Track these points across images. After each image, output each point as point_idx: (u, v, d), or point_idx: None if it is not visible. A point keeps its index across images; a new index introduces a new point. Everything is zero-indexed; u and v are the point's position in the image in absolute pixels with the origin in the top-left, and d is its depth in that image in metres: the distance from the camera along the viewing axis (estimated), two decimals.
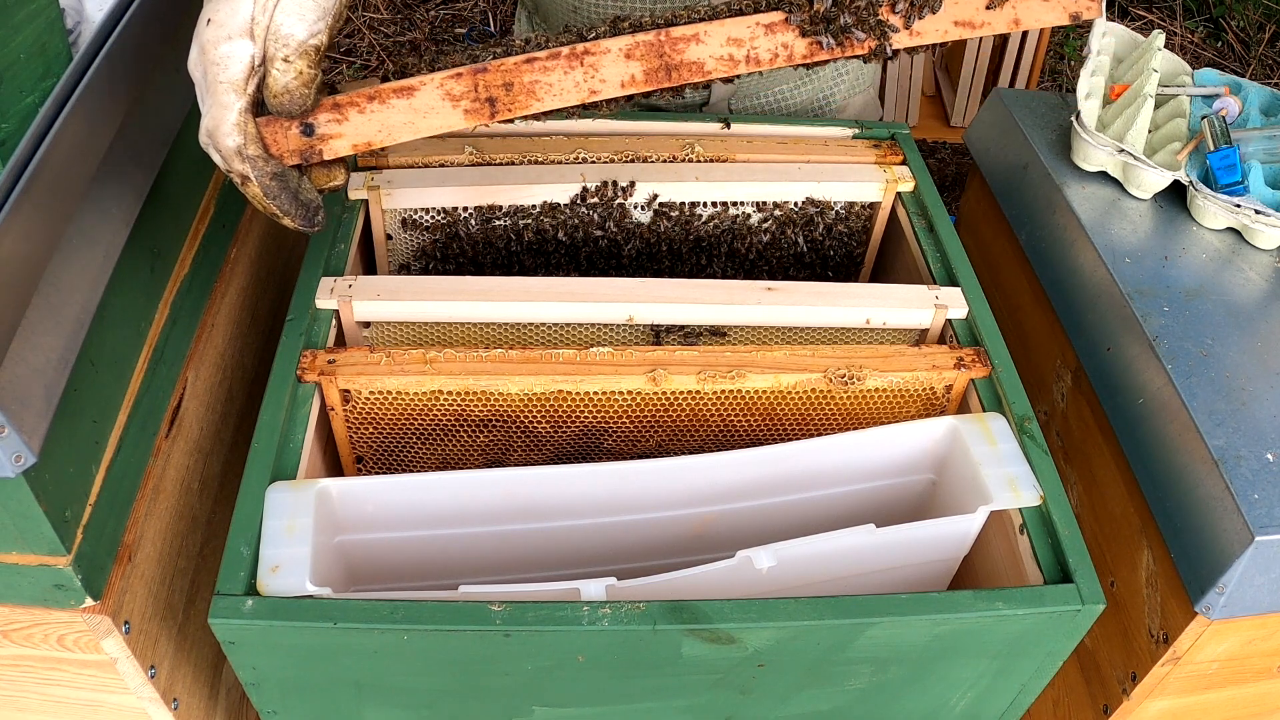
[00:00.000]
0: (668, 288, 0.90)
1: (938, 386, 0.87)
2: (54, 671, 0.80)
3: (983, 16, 0.81)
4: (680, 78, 0.78)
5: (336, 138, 0.76)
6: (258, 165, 0.74)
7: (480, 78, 0.76)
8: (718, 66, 0.78)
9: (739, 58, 0.78)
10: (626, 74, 0.77)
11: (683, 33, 0.77)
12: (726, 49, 0.78)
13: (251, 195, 0.76)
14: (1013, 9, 0.81)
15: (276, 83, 0.71)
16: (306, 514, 0.73)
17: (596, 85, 0.77)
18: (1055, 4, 0.82)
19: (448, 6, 3.05)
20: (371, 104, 0.75)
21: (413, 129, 0.77)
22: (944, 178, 2.45)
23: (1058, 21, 0.82)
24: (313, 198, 0.80)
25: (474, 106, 0.76)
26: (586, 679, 0.74)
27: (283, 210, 0.77)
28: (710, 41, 0.78)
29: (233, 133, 0.72)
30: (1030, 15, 0.81)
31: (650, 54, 0.77)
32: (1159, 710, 0.94)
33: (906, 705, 0.82)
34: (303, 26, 0.70)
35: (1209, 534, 0.81)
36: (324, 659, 0.71)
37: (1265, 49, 2.98)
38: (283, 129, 0.74)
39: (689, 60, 0.78)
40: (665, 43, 0.77)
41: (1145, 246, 1.02)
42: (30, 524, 0.67)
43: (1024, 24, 0.82)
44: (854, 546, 0.78)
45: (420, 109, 0.76)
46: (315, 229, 0.81)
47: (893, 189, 1.05)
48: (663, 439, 0.89)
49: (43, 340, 0.67)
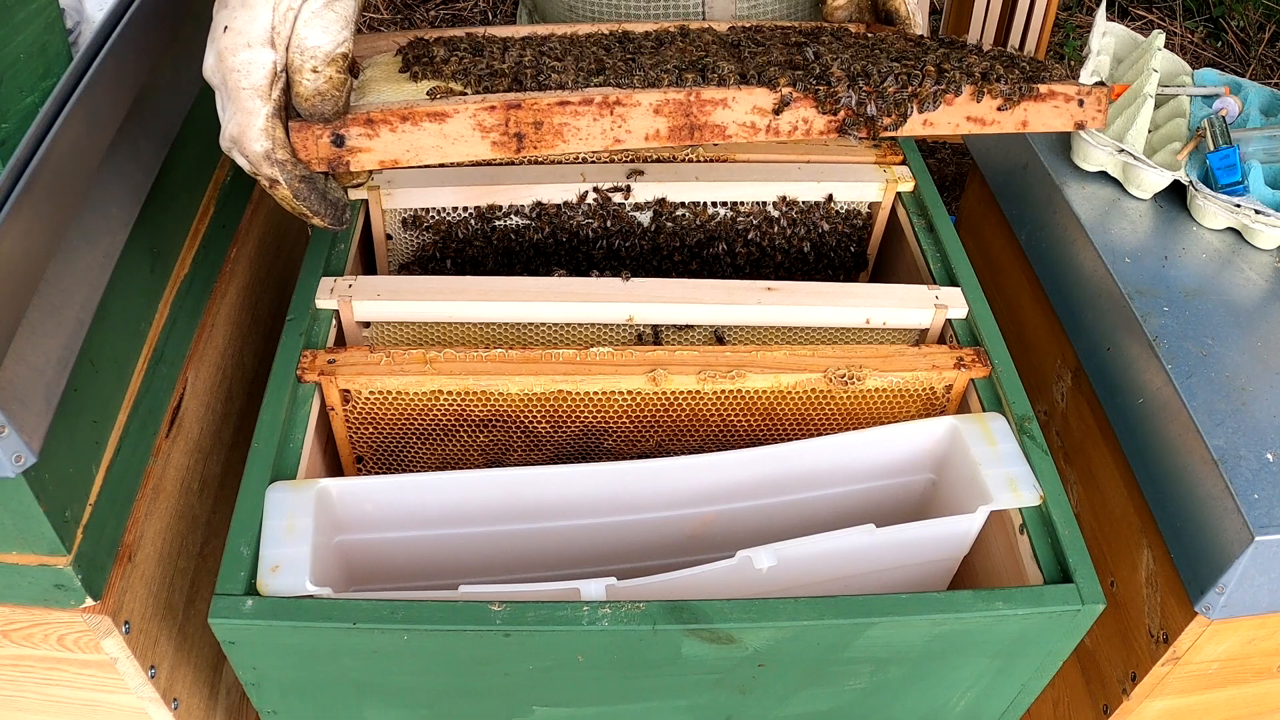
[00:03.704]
0: (668, 288, 0.90)
1: (938, 386, 0.88)
2: (54, 671, 0.80)
3: (994, 116, 0.87)
4: (702, 138, 0.81)
5: (365, 151, 0.77)
6: (286, 169, 0.74)
7: (512, 113, 0.77)
8: (739, 132, 0.82)
9: (761, 126, 0.82)
10: (652, 128, 0.80)
11: (712, 95, 0.80)
12: (750, 117, 0.81)
13: (280, 197, 0.76)
14: (1024, 111, 0.87)
15: (307, 88, 0.72)
16: (306, 514, 0.73)
17: (622, 135, 0.80)
18: (1064, 111, 0.88)
19: (448, 6, 3.05)
20: (404, 124, 0.76)
21: (440, 153, 0.78)
22: (944, 178, 2.45)
23: (1063, 129, 0.89)
24: (339, 196, 0.81)
25: (502, 140, 0.78)
26: (586, 679, 0.74)
27: (312, 210, 0.78)
28: (736, 108, 0.81)
29: (260, 138, 0.72)
30: (1039, 120, 0.88)
31: (678, 112, 0.80)
32: (1159, 710, 0.94)
33: (906, 705, 0.82)
34: (327, 37, 0.71)
35: (1209, 534, 0.81)
36: (324, 659, 0.71)
37: (1265, 49, 2.98)
38: (314, 136, 0.75)
39: (713, 123, 0.81)
40: (694, 103, 0.80)
41: (1145, 246, 1.02)
42: (30, 524, 0.67)
43: (1031, 127, 0.88)
44: (854, 546, 0.78)
45: (450, 135, 0.77)
46: (343, 227, 0.82)
47: (893, 189, 1.05)
48: (663, 439, 0.89)
49: (43, 340, 0.67)
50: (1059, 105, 0.87)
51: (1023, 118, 0.87)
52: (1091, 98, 0.88)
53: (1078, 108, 0.88)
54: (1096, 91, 0.88)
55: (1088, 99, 0.88)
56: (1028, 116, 0.87)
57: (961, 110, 0.85)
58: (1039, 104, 0.87)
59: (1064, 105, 0.88)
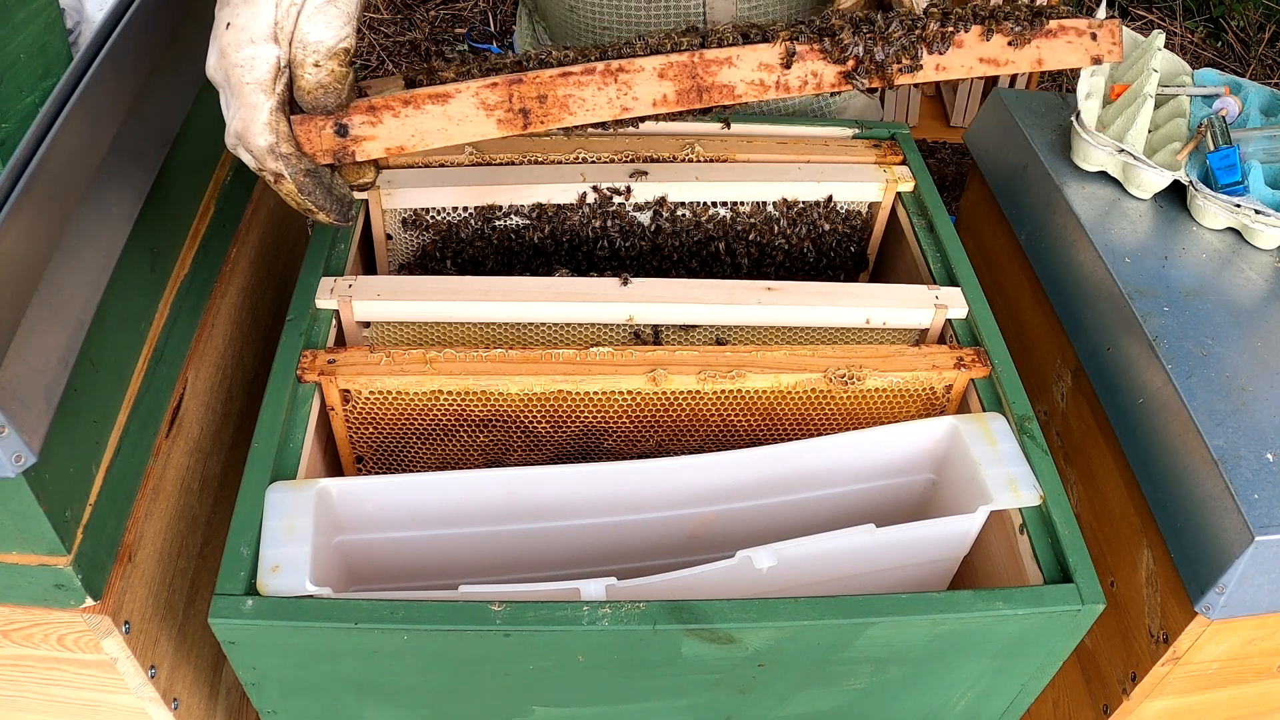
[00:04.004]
0: (668, 288, 0.90)
1: (938, 386, 0.88)
2: (54, 671, 0.80)
3: (1007, 55, 0.84)
4: (711, 99, 0.80)
5: (370, 139, 0.76)
6: (291, 163, 0.74)
7: (515, 89, 0.76)
8: (748, 91, 0.80)
9: (769, 83, 0.80)
10: (659, 93, 0.79)
11: (716, 55, 0.79)
12: (758, 74, 0.80)
13: (286, 193, 0.76)
14: (1036, 49, 0.84)
15: (309, 81, 0.72)
16: (306, 514, 0.73)
17: (629, 103, 0.79)
18: (1078, 46, 0.85)
19: (448, 6, 3.05)
20: (406, 108, 0.76)
21: (445, 135, 0.77)
22: (944, 178, 2.45)
23: (1079, 64, 0.86)
24: (345, 192, 0.81)
25: (507, 117, 0.77)
26: (586, 679, 0.74)
27: (318, 206, 0.78)
28: (742, 65, 0.79)
29: (264, 132, 0.72)
30: (1053, 56, 0.85)
31: (683, 75, 0.79)
32: (1159, 710, 0.94)
33: (906, 705, 0.82)
34: (329, 32, 0.71)
35: (1209, 534, 0.81)
36: (324, 659, 0.71)
37: (1265, 49, 2.98)
38: (316, 128, 0.74)
39: (720, 83, 0.79)
40: (698, 64, 0.79)
41: (1145, 246, 1.02)
42: (30, 524, 0.67)
43: (1046, 64, 0.85)
44: (854, 546, 0.78)
45: (454, 116, 0.77)
46: (349, 223, 0.82)
47: (893, 189, 1.05)
48: (663, 439, 0.89)
49: (43, 340, 0.67)
50: (1072, 40, 0.85)
51: (1036, 55, 0.84)
52: (1104, 30, 0.85)
53: (1091, 41, 0.85)
54: (1108, 24, 0.86)
55: (1100, 32, 0.85)
56: (1041, 54, 0.84)
57: (973, 52, 0.83)
58: (1051, 40, 0.84)
59: (1077, 40, 0.85)
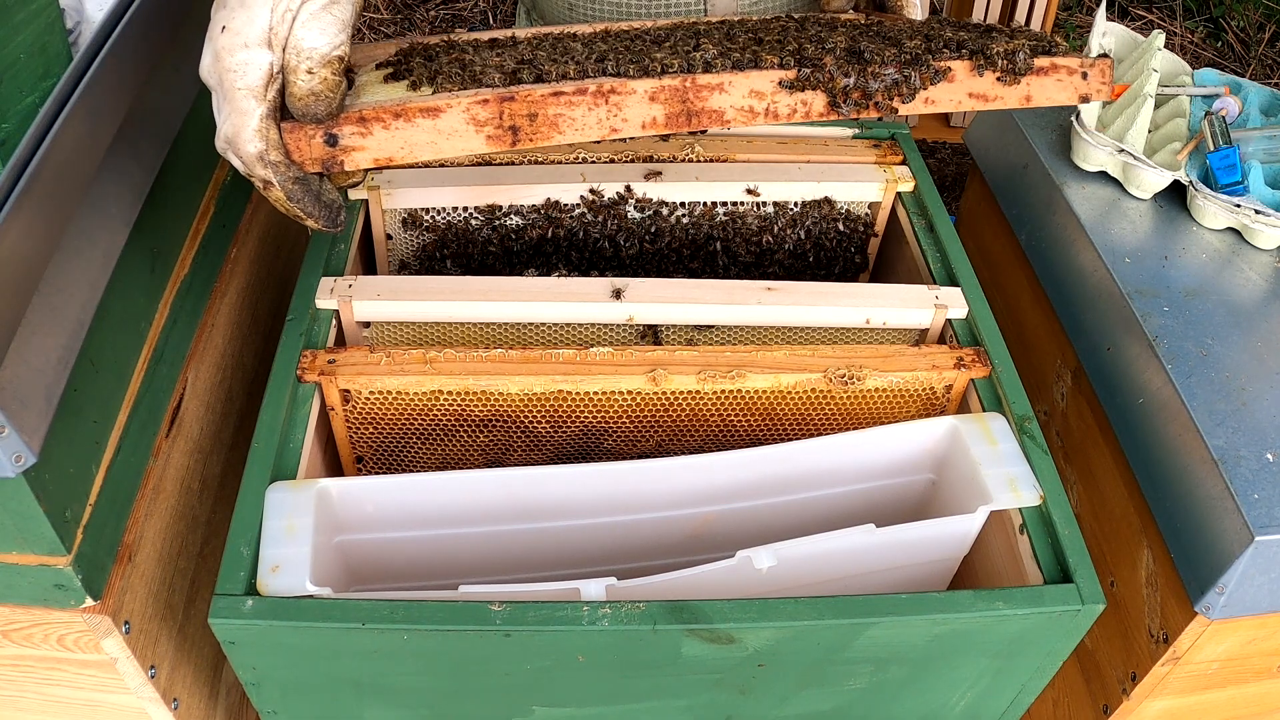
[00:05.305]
0: (668, 288, 0.90)
1: (938, 386, 0.87)
2: (54, 671, 0.80)
3: (996, 91, 0.85)
4: (699, 124, 0.80)
5: (359, 150, 0.76)
6: (280, 170, 0.74)
7: (506, 106, 0.77)
8: (737, 117, 0.81)
9: (759, 110, 0.81)
10: (648, 115, 0.79)
11: (707, 80, 0.79)
12: (748, 100, 0.80)
13: (275, 199, 0.76)
14: (1026, 86, 0.85)
15: (301, 88, 0.72)
16: (306, 514, 0.73)
17: (618, 124, 0.79)
18: (1068, 85, 0.86)
19: (448, 6, 3.05)
20: (397, 121, 0.76)
21: (435, 149, 0.78)
22: (944, 178, 2.45)
23: (1068, 102, 0.87)
24: (334, 198, 0.81)
25: (497, 133, 0.78)
26: (586, 679, 0.74)
27: (306, 213, 0.78)
28: (733, 92, 0.80)
29: (254, 139, 0.72)
30: (1042, 94, 0.86)
31: (674, 99, 0.79)
32: (1159, 710, 0.94)
33: (906, 705, 0.82)
34: (324, 39, 0.71)
35: (1209, 534, 0.81)
36: (324, 659, 0.71)
37: (1265, 49, 2.98)
38: (306, 137, 0.74)
39: (710, 108, 0.80)
40: (689, 88, 0.79)
41: (1145, 246, 1.02)
42: (30, 524, 0.67)
43: (1035, 101, 0.86)
44: (854, 546, 0.78)
45: (444, 130, 0.77)
46: (338, 229, 0.82)
47: (893, 189, 1.05)
48: (663, 439, 0.89)
49: (43, 340, 0.67)
50: (1062, 79, 0.86)
51: (1025, 92, 0.85)
52: (1095, 70, 0.86)
53: (1081, 80, 0.86)
54: (1100, 64, 0.86)
55: (1091, 71, 0.86)
56: (1031, 91, 0.85)
57: (963, 87, 0.84)
58: (1042, 78, 0.85)
59: (1067, 78, 0.86)
